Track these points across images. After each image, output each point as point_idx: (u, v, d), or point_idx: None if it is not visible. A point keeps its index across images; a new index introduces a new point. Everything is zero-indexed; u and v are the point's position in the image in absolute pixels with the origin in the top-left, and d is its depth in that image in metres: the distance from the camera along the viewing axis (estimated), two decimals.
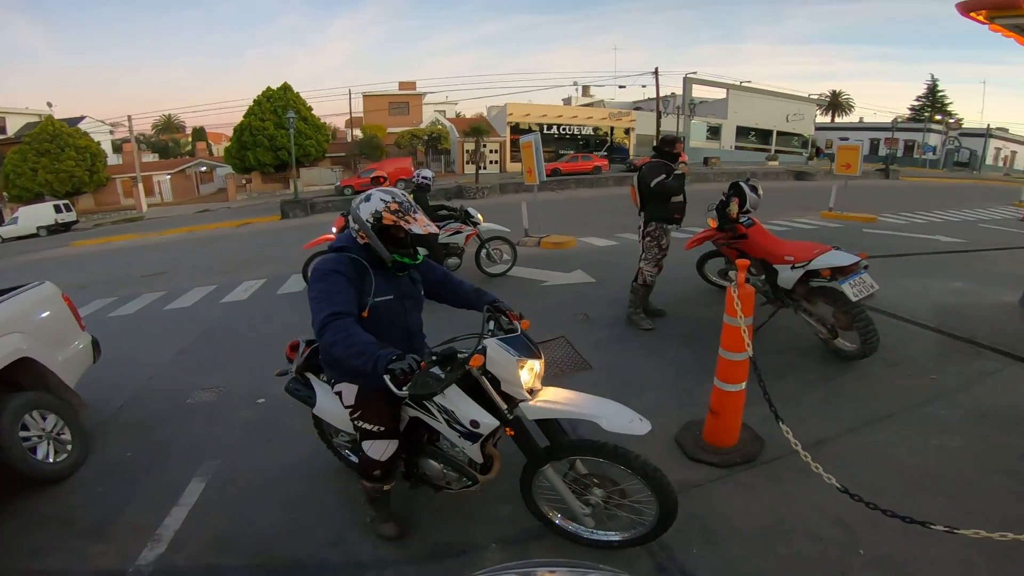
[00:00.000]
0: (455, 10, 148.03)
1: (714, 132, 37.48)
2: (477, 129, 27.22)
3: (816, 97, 44.65)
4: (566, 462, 2.22)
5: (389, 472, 2.30)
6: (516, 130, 29.79)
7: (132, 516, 2.83)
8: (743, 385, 2.89)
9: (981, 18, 5.98)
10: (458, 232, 6.50)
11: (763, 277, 4.44)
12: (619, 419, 2.00)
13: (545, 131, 32.20)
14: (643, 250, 4.82)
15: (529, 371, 2.06)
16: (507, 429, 2.11)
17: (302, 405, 2.64)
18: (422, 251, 2.40)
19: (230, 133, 31.53)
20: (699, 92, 35.71)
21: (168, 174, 35.36)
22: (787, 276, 4.08)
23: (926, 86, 51.66)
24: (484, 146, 29.59)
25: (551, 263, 7.43)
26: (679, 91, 34.57)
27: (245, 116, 28.94)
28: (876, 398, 3.62)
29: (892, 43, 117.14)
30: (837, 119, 52.26)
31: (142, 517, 2.80)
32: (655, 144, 4.89)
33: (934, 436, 3.18)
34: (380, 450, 2.20)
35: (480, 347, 2.04)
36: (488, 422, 2.04)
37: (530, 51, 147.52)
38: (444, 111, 39.46)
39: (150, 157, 41.06)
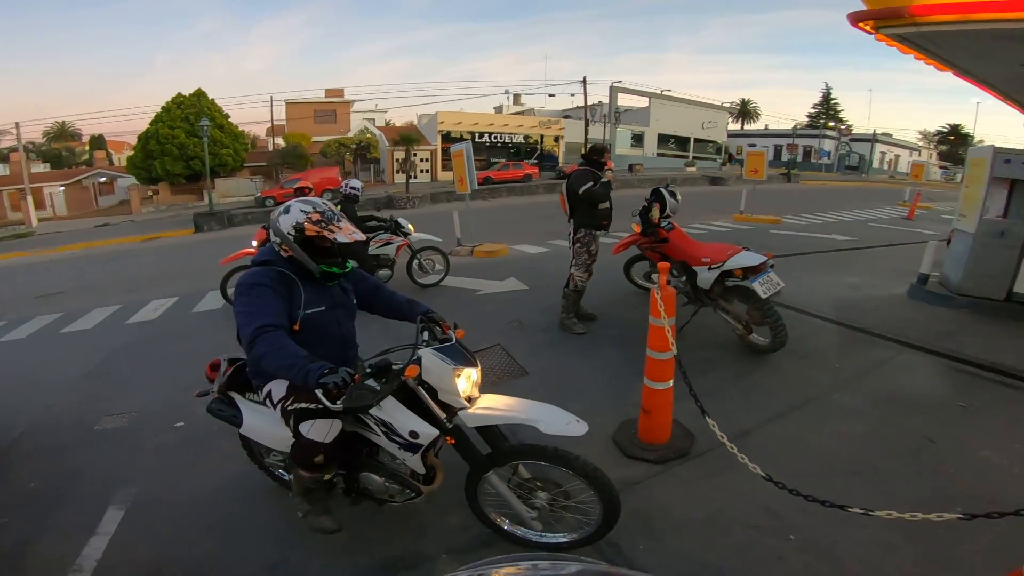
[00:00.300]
0: (385, 16, 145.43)
1: (638, 139, 39.10)
2: (407, 138, 26.84)
3: (728, 105, 47.75)
4: (509, 467, 2.23)
5: (332, 458, 2.17)
6: (447, 138, 29.65)
7: (46, 548, 2.60)
8: (671, 383, 3.03)
9: (868, 28, 6.68)
10: (388, 243, 6.38)
11: (684, 279, 4.68)
12: (557, 422, 2.04)
13: (477, 139, 32.31)
14: (573, 256, 4.94)
15: (466, 379, 2.08)
16: (447, 438, 2.11)
17: (227, 426, 2.50)
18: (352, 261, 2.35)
19: (133, 141, 29.10)
20: (624, 100, 37.22)
21: (62, 185, 32.06)
22: (705, 277, 4.34)
23: (821, 94, 56.70)
24: (415, 155, 29.19)
25: (484, 272, 7.44)
26: (606, 99, 35.87)
27: (151, 123, 26.81)
28: (790, 389, 3.91)
29: (794, 53, 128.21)
30: (746, 126, 56.18)
31: (57, 548, 2.57)
32: (583, 152, 5.05)
33: (842, 422, 3.48)
34: (323, 430, 2.06)
35: (415, 357, 2.04)
36: (427, 432, 2.03)
37: (462, 59, 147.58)
38: (373, 119, 38.62)
39: (41, 167, 37.07)
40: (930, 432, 3.31)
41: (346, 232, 2.11)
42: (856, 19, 6.38)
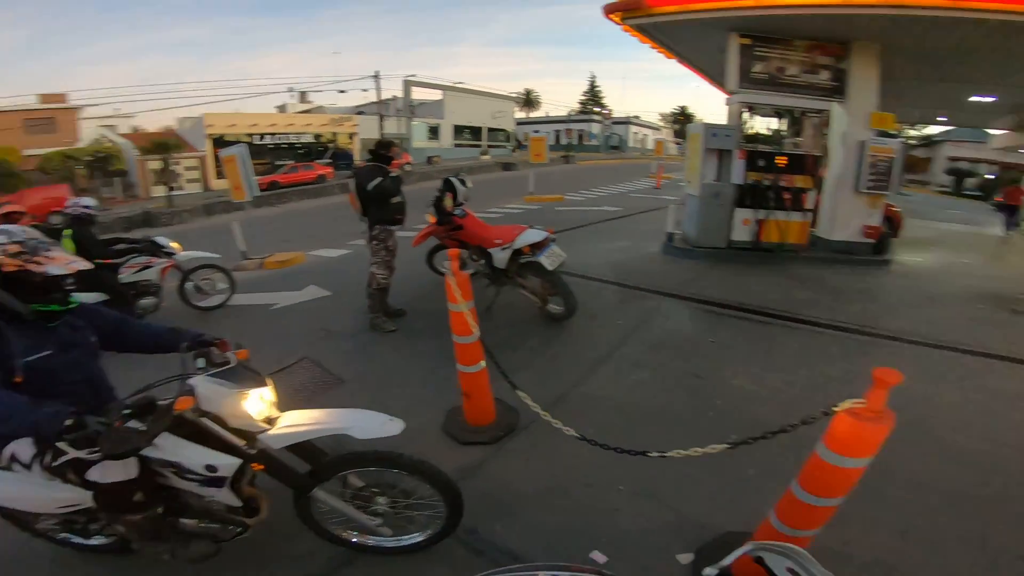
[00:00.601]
0: (128, 11, 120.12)
1: (434, 132, 39.58)
2: (163, 145, 22.77)
3: (515, 95, 51.21)
4: (336, 480, 2.14)
5: (154, 487, 1.92)
6: (220, 143, 25.91)
7: None
8: (483, 364, 3.12)
9: (618, 19, 7.77)
10: (147, 267, 5.35)
11: (483, 262, 4.91)
12: (370, 425, 1.99)
13: (258, 142, 29.10)
14: (372, 254, 4.80)
15: (258, 401, 1.94)
16: (254, 464, 1.97)
17: None
18: (89, 295, 1.94)
19: None
20: (418, 94, 37.13)
21: None
22: (499, 257, 4.61)
23: (588, 83, 64.51)
24: (176, 163, 25.03)
25: (279, 283, 6.79)
26: (400, 94, 35.36)
27: None
28: (587, 349, 4.39)
29: (568, 44, 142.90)
30: (531, 114, 61.03)
31: None
32: (370, 148, 4.90)
33: (633, 371, 4.02)
34: (117, 468, 1.80)
35: (187, 388, 1.84)
36: (227, 463, 1.87)
37: (234, 57, 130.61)
38: (114, 126, 31.87)
39: None
40: (696, 369, 4.04)
41: (60, 262, 1.78)
42: (608, 11, 7.42)
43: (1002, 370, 4.22)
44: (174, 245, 5.61)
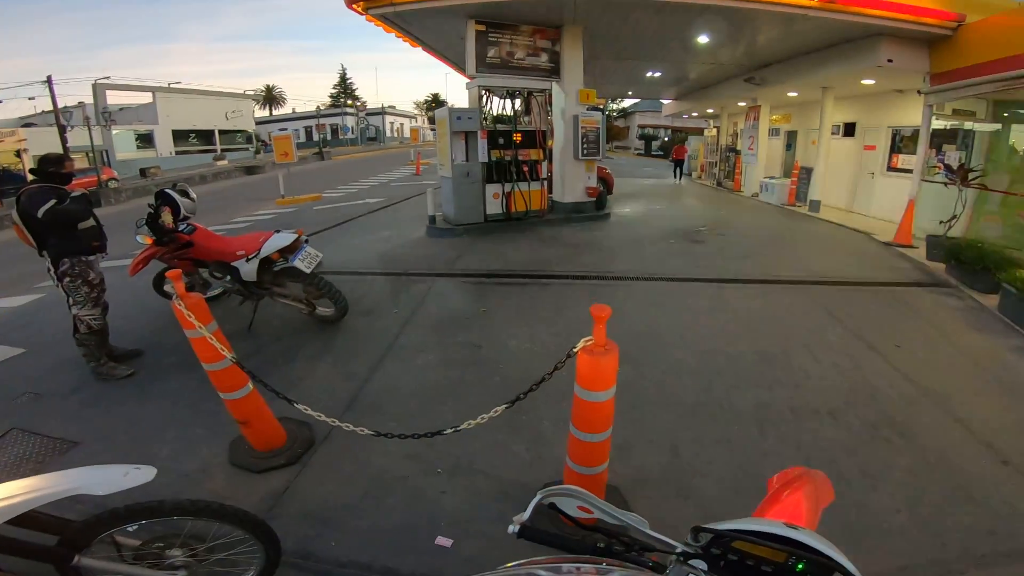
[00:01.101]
0: None
1: (145, 140, 32.94)
2: None
3: (252, 93, 45.62)
4: (103, 544, 1.82)
5: None
6: None
7: None
8: (250, 387, 2.81)
9: (360, 9, 7.44)
10: None
11: (228, 278, 4.35)
12: (111, 479, 1.76)
13: None
14: (68, 294, 3.82)
15: None
16: None
17: None
18: None
19: None
20: (119, 98, 30.20)
21: None
22: (246, 269, 4.14)
23: (339, 75, 61.27)
24: None
25: None
26: (90, 100, 28.15)
27: None
28: (369, 345, 4.29)
29: (313, 37, 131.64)
30: (274, 112, 55.54)
31: None
32: (31, 168, 3.81)
33: (418, 356, 4.06)
34: None
35: None
36: None
37: None
38: None
39: None
40: (475, 340, 4.28)
41: None
42: (350, 1, 7.07)
43: (695, 290, 5.53)
44: None
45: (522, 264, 6.24)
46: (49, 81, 23.91)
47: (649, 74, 13.74)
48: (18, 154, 26.40)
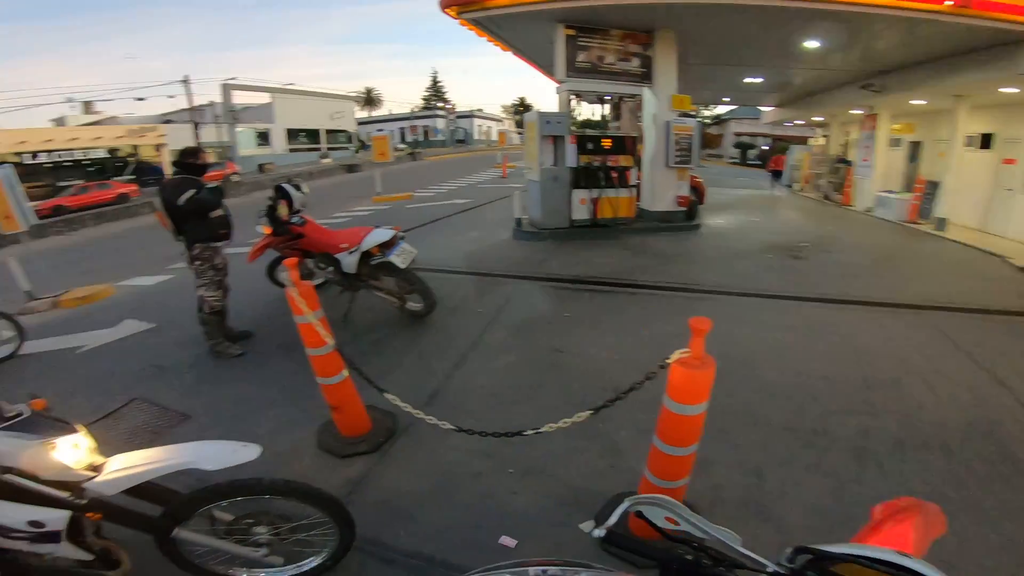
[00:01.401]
0: None
1: (264, 137, 36.28)
2: None
3: (353, 95, 48.81)
4: (201, 518, 1.99)
5: None
6: None
7: None
8: (345, 373, 2.98)
9: (453, 14, 7.79)
10: None
11: (331, 269, 4.66)
12: (221, 455, 1.89)
13: (30, 161, 23.92)
14: (197, 276, 4.27)
15: (71, 448, 1.80)
16: (89, 514, 1.81)
17: None
18: None
19: None
20: (242, 98, 33.58)
21: None
22: (348, 261, 4.42)
23: (431, 79, 64.12)
24: None
25: (84, 323, 5.72)
26: (218, 99, 31.58)
27: None
28: (453, 342, 4.41)
29: (408, 40, 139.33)
30: (372, 113, 58.85)
31: None
32: (173, 160, 4.30)
33: (499, 356, 4.12)
34: None
35: None
36: (53, 517, 1.75)
37: None
38: None
39: None
40: (557, 343, 4.27)
41: None
42: (444, 5, 7.41)
43: (794, 309, 5.16)
44: None
45: (608, 272, 6.14)
46: (186, 81, 27.05)
47: (748, 80, 13.02)
48: (158, 148, 30.06)
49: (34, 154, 24.67)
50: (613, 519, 0.94)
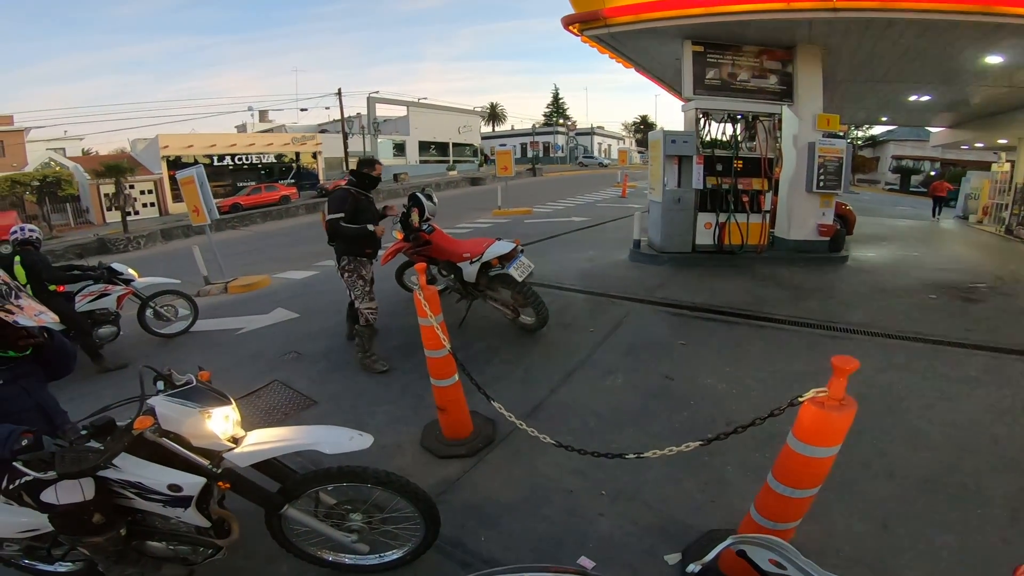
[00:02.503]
0: (78, 29, 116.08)
1: (399, 149, 39.46)
2: (116, 167, 21.77)
3: (479, 110, 51.50)
4: (308, 498, 2.14)
5: (114, 510, 1.92)
6: (176, 165, 25.23)
7: None
8: (456, 377, 3.11)
9: (576, 31, 7.91)
10: (104, 295, 5.17)
11: (452, 276, 4.90)
12: (338, 440, 2.02)
13: (217, 163, 28.49)
14: (349, 289, 4.47)
15: (223, 419, 1.96)
16: (221, 483, 1.97)
17: None
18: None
19: None
20: (382, 111, 37.01)
21: None
22: (469, 271, 4.61)
23: (552, 95, 65.47)
24: (131, 187, 24.18)
25: (245, 307, 6.62)
26: (364, 111, 35.10)
27: None
28: (561, 358, 4.42)
29: (531, 57, 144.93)
30: (496, 128, 61.47)
31: None
32: (351, 169, 4.70)
33: (606, 377, 4.05)
34: (74, 490, 1.78)
35: (146, 408, 1.88)
36: (191, 482, 1.89)
37: (188, 76, 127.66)
38: (63, 149, 30.76)
39: None
40: (668, 371, 4.09)
41: (29, 313, 1.77)
42: (567, 23, 7.57)
43: (959, 357, 4.42)
44: (131, 272, 5.44)
45: (731, 301, 5.72)
46: (339, 94, 30.35)
47: (913, 98, 11.43)
48: (315, 155, 34.07)
49: (220, 157, 29.23)
50: (712, 555, 0.86)
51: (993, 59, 7.49)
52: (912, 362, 4.29)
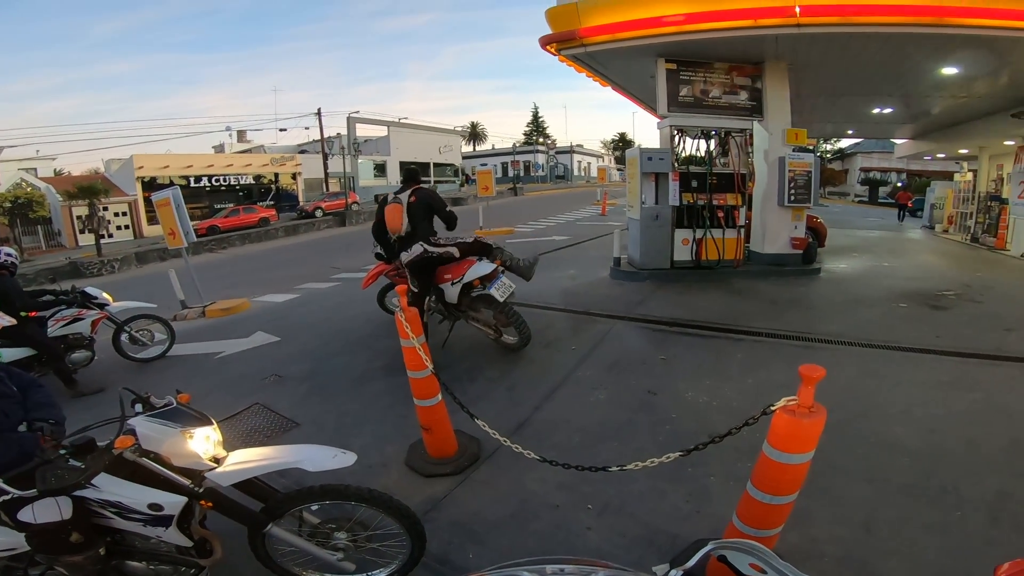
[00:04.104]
0: (51, 47, 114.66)
1: (380, 169, 39.27)
2: (90, 188, 21.29)
3: (460, 129, 51.73)
4: (291, 517, 2.14)
5: (92, 528, 1.91)
6: (151, 186, 24.76)
7: None
8: (439, 397, 3.12)
9: (553, 51, 8.06)
10: (78, 319, 5.07)
11: (434, 298, 4.91)
12: (320, 458, 2.04)
13: (193, 184, 28.10)
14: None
15: (204, 439, 1.99)
16: (202, 502, 1.99)
17: None
18: (16, 351, 1.99)
19: None
20: (363, 131, 36.88)
21: None
22: (451, 292, 4.63)
23: (532, 114, 66.31)
24: (104, 209, 23.71)
25: (223, 332, 6.52)
26: (344, 131, 35.00)
27: None
28: (545, 375, 4.44)
29: (511, 76, 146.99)
30: (477, 147, 61.80)
31: None
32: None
33: (590, 394, 4.09)
34: (51, 509, 1.79)
35: (127, 428, 1.92)
36: (172, 501, 1.91)
37: (166, 95, 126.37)
38: (35, 169, 30.08)
39: None
40: (650, 385, 4.15)
41: None
42: (544, 42, 7.72)
43: (930, 362, 4.57)
44: (106, 296, 5.35)
45: (710, 316, 5.83)
46: (319, 114, 30.37)
47: (876, 110, 11.91)
48: (294, 176, 33.86)
49: (197, 178, 28.85)
50: (693, 562, 0.89)
51: (949, 70, 7.87)
52: (886, 369, 4.42)
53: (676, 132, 7.85)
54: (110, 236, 24.32)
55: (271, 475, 2.08)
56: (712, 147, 7.97)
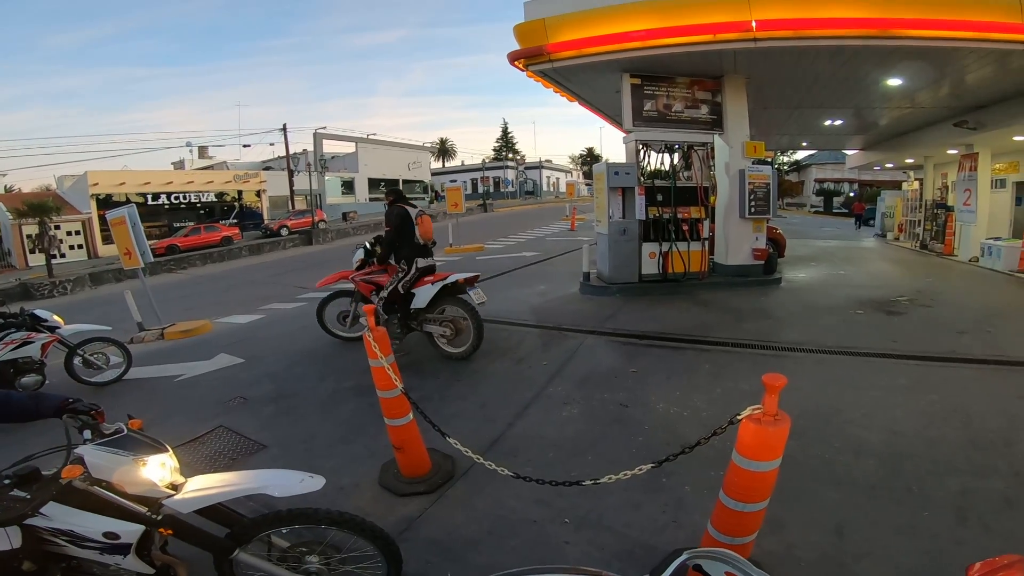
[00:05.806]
0: (6, 58, 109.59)
1: (348, 186, 38.74)
2: (40, 206, 20.25)
3: (429, 145, 51.65)
4: (259, 542, 2.07)
5: (47, 556, 1.83)
6: (107, 203, 23.82)
7: None
8: (410, 416, 3.07)
9: (521, 66, 8.15)
10: (27, 343, 4.83)
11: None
12: (288, 484, 1.98)
13: (152, 201, 27.15)
14: None
15: (159, 467, 1.92)
16: (162, 530, 1.91)
17: None
18: None
19: None
20: (330, 147, 36.38)
21: None
22: (425, 295, 4.87)
23: (501, 130, 66.79)
24: (56, 227, 22.65)
25: (184, 354, 6.28)
26: (310, 147, 34.47)
27: None
28: (516, 391, 4.43)
29: (481, 92, 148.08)
30: (446, 164, 61.72)
31: None
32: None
33: (562, 408, 4.09)
34: (1, 537, 1.72)
35: (74, 456, 1.84)
36: (128, 530, 1.84)
37: (124, 109, 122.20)
38: None
39: None
40: (622, 399, 4.18)
41: None
42: (513, 58, 7.81)
43: (889, 367, 4.75)
44: (57, 318, 5.12)
45: (678, 328, 5.94)
46: (284, 130, 29.93)
47: (828, 122, 12.52)
48: (258, 194, 33.06)
49: (155, 195, 27.87)
50: (667, 572, 0.90)
51: (894, 81, 8.33)
52: (847, 374, 4.59)
53: (641, 146, 8.04)
54: (62, 256, 23.21)
55: (238, 500, 2.00)
56: (676, 161, 8.19)
